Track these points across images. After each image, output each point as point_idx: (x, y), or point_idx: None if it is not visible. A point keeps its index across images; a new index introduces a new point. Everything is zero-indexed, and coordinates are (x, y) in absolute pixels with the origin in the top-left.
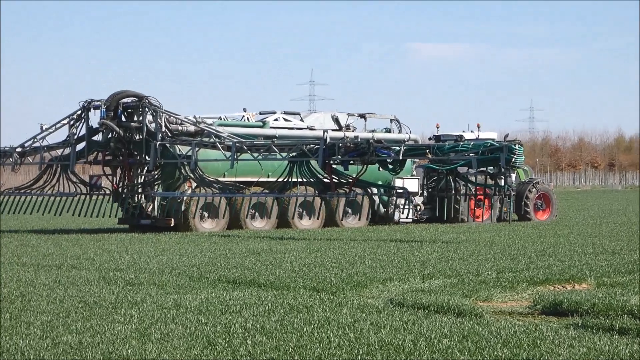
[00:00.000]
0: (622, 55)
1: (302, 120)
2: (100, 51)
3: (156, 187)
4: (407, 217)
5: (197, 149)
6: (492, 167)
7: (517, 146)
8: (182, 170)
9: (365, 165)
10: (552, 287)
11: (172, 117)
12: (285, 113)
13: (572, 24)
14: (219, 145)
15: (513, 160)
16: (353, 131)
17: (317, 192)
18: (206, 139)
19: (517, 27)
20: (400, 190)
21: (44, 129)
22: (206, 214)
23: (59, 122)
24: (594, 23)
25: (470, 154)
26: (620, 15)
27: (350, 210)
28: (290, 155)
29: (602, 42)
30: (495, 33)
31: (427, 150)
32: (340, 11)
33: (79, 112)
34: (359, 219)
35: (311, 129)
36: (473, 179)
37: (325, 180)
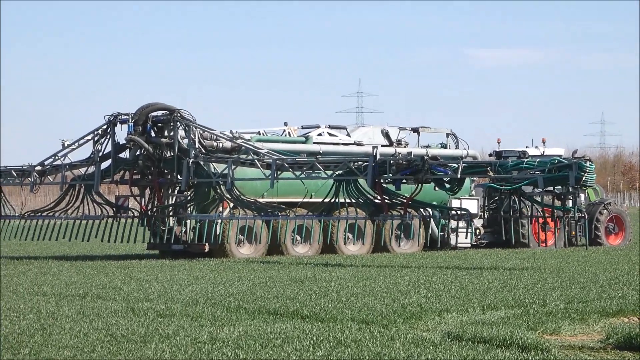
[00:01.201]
0: None
1: (348, 135)
2: (128, 60)
3: (189, 208)
4: (466, 242)
5: (233, 167)
6: (559, 187)
7: (587, 163)
8: (218, 191)
9: (419, 185)
10: (626, 318)
11: (206, 132)
12: (330, 127)
13: None
14: (257, 162)
15: (584, 178)
16: (405, 147)
17: (367, 214)
18: (244, 156)
19: (587, 29)
20: (462, 212)
21: (65, 145)
22: (244, 239)
23: (82, 137)
24: None
25: (536, 172)
26: None
27: (402, 234)
28: (336, 173)
29: None
30: (563, 36)
31: (488, 168)
32: (390, 14)
33: (105, 127)
34: (412, 244)
35: (359, 144)
36: (539, 199)
37: (376, 200)
